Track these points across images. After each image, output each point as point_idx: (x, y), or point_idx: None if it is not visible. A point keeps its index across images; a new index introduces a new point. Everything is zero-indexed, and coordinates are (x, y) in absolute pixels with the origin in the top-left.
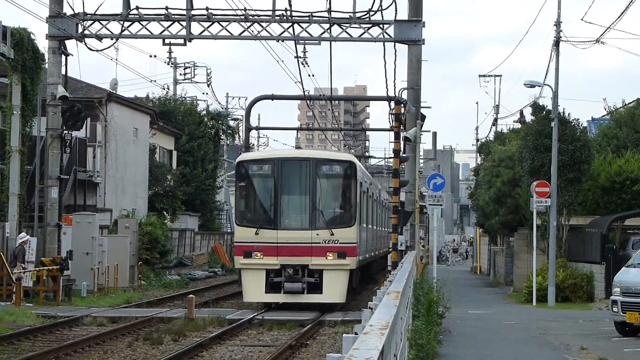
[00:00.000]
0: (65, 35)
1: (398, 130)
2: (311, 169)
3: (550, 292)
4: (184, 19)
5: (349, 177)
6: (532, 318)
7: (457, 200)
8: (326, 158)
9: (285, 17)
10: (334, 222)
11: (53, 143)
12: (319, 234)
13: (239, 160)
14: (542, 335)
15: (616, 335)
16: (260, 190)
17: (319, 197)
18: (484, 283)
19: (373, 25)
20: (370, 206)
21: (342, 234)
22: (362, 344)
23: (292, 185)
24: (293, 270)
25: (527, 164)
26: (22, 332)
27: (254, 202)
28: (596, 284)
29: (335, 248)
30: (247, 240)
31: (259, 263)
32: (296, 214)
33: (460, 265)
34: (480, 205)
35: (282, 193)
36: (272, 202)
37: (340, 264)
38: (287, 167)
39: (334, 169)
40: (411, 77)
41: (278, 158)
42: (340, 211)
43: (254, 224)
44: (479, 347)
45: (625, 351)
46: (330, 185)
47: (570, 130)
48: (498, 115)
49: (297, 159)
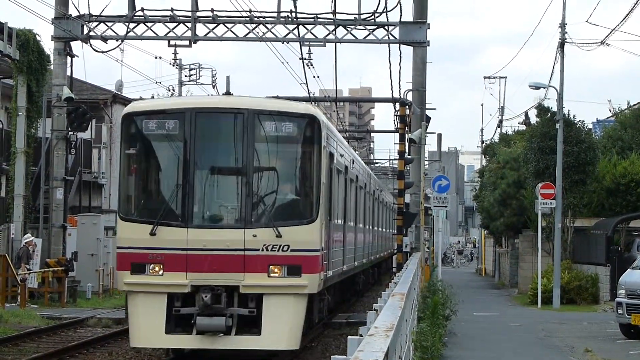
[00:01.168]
0: (71, 36)
1: (403, 131)
2: (245, 127)
3: (555, 294)
4: (189, 21)
5: (308, 142)
6: (537, 320)
7: (462, 202)
8: (271, 109)
9: (290, 19)
10: (283, 215)
11: (58, 144)
12: (256, 235)
13: (126, 112)
14: (547, 337)
15: (621, 337)
16: (160, 163)
17: (257, 175)
18: (489, 285)
19: (378, 26)
20: (352, 194)
21: (296, 235)
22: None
23: (213, 153)
24: (212, 296)
25: (532, 165)
26: (27, 334)
27: (148, 182)
28: (601, 286)
29: (283, 259)
30: (137, 245)
31: (155, 283)
32: (219, 203)
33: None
34: (485, 207)
35: (196, 167)
36: (179, 182)
37: (291, 285)
38: (206, 124)
39: (284, 128)
40: (416, 78)
41: (190, 108)
42: (292, 198)
43: (148, 218)
44: (484, 349)
45: (631, 353)
46: (277, 154)
47: (575, 132)
48: (503, 117)
49: (222, 110)
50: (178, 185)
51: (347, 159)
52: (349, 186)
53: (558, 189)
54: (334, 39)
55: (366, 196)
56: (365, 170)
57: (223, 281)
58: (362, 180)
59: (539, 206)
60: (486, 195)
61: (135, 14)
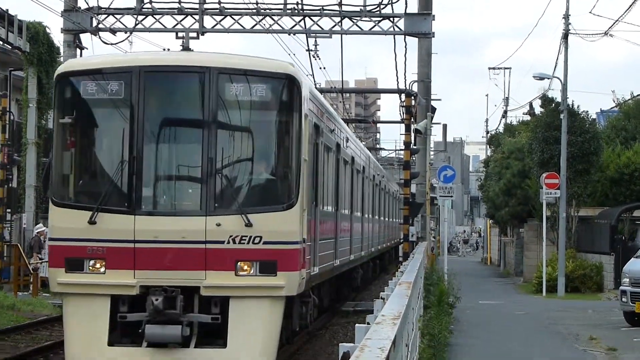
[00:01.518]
0: (80, 29)
1: (409, 122)
2: (207, 89)
3: (559, 282)
4: (197, 13)
5: (285, 108)
6: (542, 308)
7: (468, 191)
8: (238, 67)
9: (297, 11)
10: (254, 199)
11: None
12: (221, 224)
13: (60, 72)
14: (552, 325)
15: (625, 325)
16: (101, 135)
17: (222, 149)
18: (494, 274)
19: (383, 18)
20: (346, 177)
21: (270, 224)
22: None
23: (167, 122)
24: (165, 299)
25: (536, 155)
26: (40, 322)
27: (86, 159)
28: (605, 275)
29: (254, 253)
30: (73, 236)
31: (96, 283)
32: (175, 184)
33: (470, 256)
34: (490, 197)
35: (146, 139)
36: (124, 158)
37: (264, 286)
38: (157, 86)
39: (255, 91)
40: (421, 69)
41: (138, 67)
42: (266, 178)
43: (86, 203)
44: (489, 336)
45: (635, 341)
46: (247, 123)
47: (579, 122)
48: (508, 107)
49: (178, 69)
50: (123, 162)
51: (340, 135)
52: (342, 168)
53: (562, 178)
54: (340, 31)
55: (365, 181)
56: (365, 152)
57: (179, 281)
58: (359, 163)
59: (543, 196)
60: (491, 185)
61: (143, 6)
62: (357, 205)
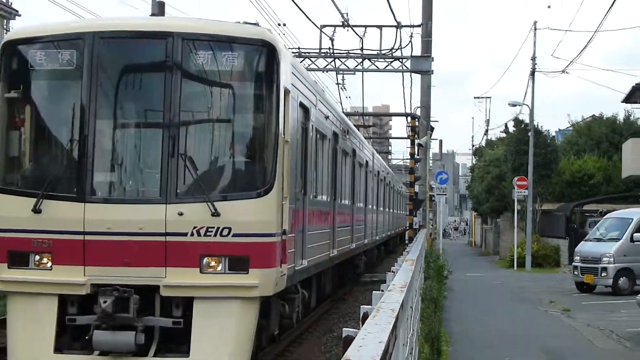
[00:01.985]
0: None
1: (413, 138)
2: (170, 58)
3: (527, 260)
4: None
5: (261, 80)
6: (514, 279)
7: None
8: (206, 32)
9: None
10: (222, 185)
11: None
12: (183, 214)
13: (7, 39)
14: (521, 292)
15: (576, 292)
16: (49, 110)
17: (186, 127)
18: (477, 253)
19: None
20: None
21: (241, 214)
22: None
23: (123, 96)
24: (117, 300)
25: (510, 163)
26: None
27: (32, 138)
28: (562, 254)
29: (222, 247)
30: (16, 227)
31: (41, 281)
32: (131, 167)
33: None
34: (475, 195)
35: (99, 116)
36: (74, 137)
37: (234, 285)
38: (113, 55)
39: (225, 59)
40: (423, 98)
41: (91, 32)
42: (237, 160)
43: (30, 189)
44: (474, 300)
45: (583, 304)
46: (216, 97)
47: (542, 138)
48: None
49: (137, 35)
50: (72, 141)
51: (337, 125)
52: (341, 159)
53: (529, 181)
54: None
55: (369, 175)
56: (369, 149)
57: (136, 279)
58: (362, 157)
59: (515, 194)
60: (476, 186)
61: None
62: (359, 196)
